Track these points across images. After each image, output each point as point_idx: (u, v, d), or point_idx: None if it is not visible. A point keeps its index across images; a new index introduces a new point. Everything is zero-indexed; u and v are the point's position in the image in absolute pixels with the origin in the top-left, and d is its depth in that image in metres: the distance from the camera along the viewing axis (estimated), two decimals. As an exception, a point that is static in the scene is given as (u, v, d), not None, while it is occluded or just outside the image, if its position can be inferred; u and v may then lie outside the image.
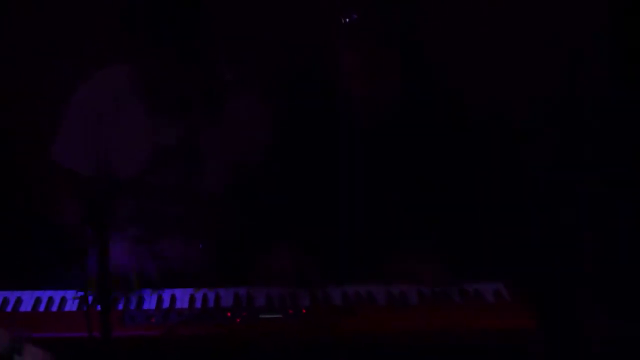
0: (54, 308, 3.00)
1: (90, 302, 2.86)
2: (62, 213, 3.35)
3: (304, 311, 2.95)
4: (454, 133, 3.28)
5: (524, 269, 3.52)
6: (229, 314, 2.93)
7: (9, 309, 3.00)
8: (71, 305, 3.01)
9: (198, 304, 3.01)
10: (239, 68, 2.93)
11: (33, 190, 3.94)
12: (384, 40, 3.11)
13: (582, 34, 3.97)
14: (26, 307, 3.01)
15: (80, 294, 3.03)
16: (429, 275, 3.11)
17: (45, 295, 3.06)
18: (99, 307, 2.57)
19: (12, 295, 3.05)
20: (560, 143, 4.01)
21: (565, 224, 3.94)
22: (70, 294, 3.05)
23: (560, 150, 3.98)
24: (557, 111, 4.00)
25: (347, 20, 3.13)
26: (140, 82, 3.26)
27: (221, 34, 3.66)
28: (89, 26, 4.00)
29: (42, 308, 3.00)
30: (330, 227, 3.29)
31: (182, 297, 3.05)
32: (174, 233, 3.34)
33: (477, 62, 3.92)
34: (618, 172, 3.86)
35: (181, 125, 3.19)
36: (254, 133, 3.34)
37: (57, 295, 3.06)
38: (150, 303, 3.02)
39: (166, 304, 3.02)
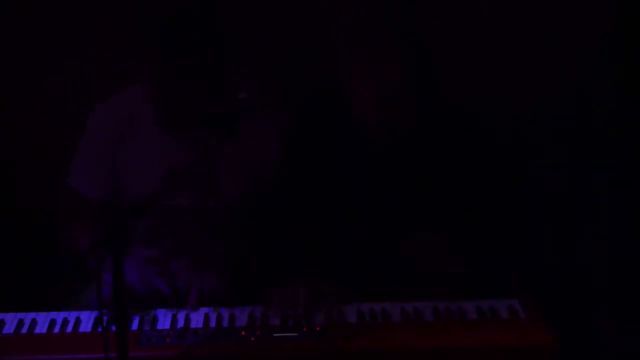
0: (69, 329, 3.00)
1: (105, 322, 2.87)
2: (77, 234, 3.35)
3: (318, 329, 2.95)
4: (465, 144, 3.28)
5: (538, 285, 3.52)
6: (243, 333, 2.93)
7: (23, 330, 3.00)
8: (86, 326, 3.01)
9: (212, 323, 3.01)
10: (250, 85, 2.93)
11: (47, 212, 3.94)
12: (389, 43, 3.11)
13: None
14: (41, 328, 3.01)
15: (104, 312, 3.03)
16: (443, 291, 3.11)
17: (59, 316, 3.06)
18: (113, 328, 2.58)
19: (27, 317, 3.05)
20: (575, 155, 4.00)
21: (581, 239, 3.93)
22: (84, 314, 3.05)
23: (577, 163, 3.97)
24: (568, 116, 3.99)
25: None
26: (154, 104, 3.27)
27: (242, 33, 3.68)
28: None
29: (57, 329, 3.00)
30: (345, 245, 3.30)
31: (197, 316, 3.05)
32: (187, 253, 3.34)
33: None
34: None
35: (194, 145, 3.19)
36: (267, 151, 3.35)
37: (72, 316, 3.05)
38: (164, 323, 3.02)
39: (180, 323, 3.02)
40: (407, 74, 3.18)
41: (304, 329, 2.94)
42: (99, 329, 2.96)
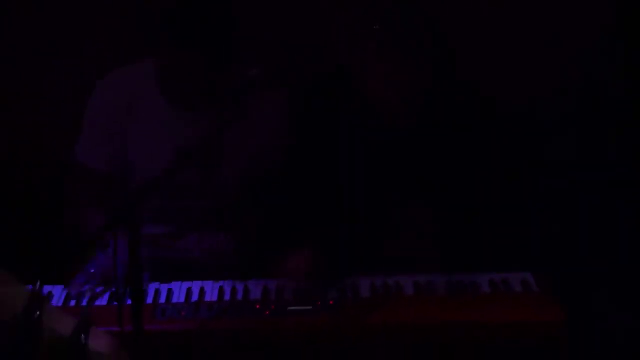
0: (84, 302, 3.02)
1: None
2: (85, 209, 3.37)
3: (331, 303, 2.97)
4: (472, 130, 3.27)
5: (551, 260, 3.53)
6: (258, 307, 2.95)
7: (52, 303, 3.02)
8: (101, 300, 3.03)
9: (227, 297, 3.03)
10: (260, 66, 2.92)
11: (59, 186, 3.95)
12: (397, 42, 3.10)
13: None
14: (57, 302, 3.04)
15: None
16: (456, 264, 3.12)
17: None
18: (129, 302, 2.60)
19: (43, 290, 3.06)
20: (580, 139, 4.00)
21: (592, 216, 3.93)
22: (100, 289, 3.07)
23: (585, 145, 3.97)
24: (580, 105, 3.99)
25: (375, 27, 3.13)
26: (161, 79, 3.27)
27: (242, 33, 3.67)
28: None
29: (72, 303, 3.03)
30: (357, 219, 3.31)
31: (211, 290, 3.07)
32: (201, 227, 3.36)
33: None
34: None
35: (202, 121, 3.21)
36: (275, 128, 3.35)
37: (88, 289, 3.08)
38: (179, 296, 3.04)
39: (195, 297, 3.04)
40: (418, 76, 3.17)
41: (318, 303, 2.96)
42: (115, 303, 2.98)
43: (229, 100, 2.85)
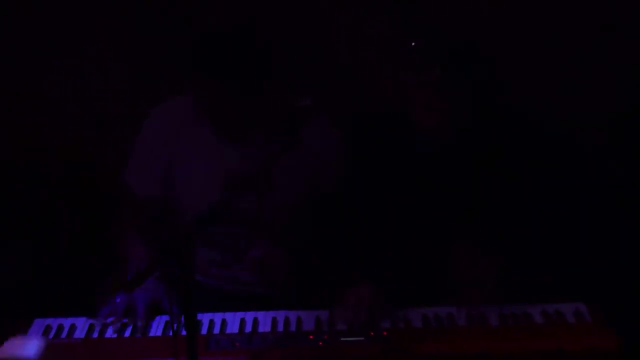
0: (139, 334, 3.05)
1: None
2: (121, 239, 3.41)
3: (384, 334, 2.97)
4: (523, 149, 3.27)
5: (604, 289, 3.50)
6: (311, 337, 2.96)
7: (95, 335, 3.05)
8: (156, 330, 3.05)
9: (280, 327, 3.05)
10: (311, 97, 2.95)
11: (90, 215, 3.98)
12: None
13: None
14: (112, 333, 3.06)
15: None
16: (509, 295, 3.11)
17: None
18: (184, 332, 2.62)
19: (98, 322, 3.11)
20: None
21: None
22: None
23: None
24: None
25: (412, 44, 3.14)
26: (200, 112, 3.30)
27: (291, 63, 3.71)
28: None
29: (127, 333, 3.05)
30: (409, 250, 3.31)
31: (265, 320, 3.08)
32: (254, 256, 3.38)
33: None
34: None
35: (249, 152, 3.25)
36: (327, 158, 3.37)
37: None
38: (233, 327, 3.06)
39: (249, 327, 3.05)
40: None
41: (371, 334, 2.96)
42: (169, 333, 3.00)
43: (282, 130, 2.86)
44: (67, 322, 3.10)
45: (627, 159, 3.98)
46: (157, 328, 3.06)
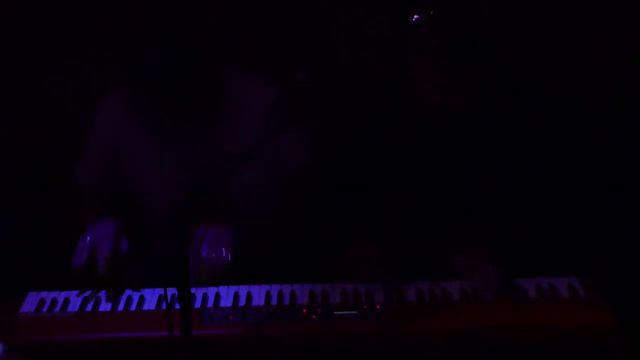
0: (133, 307, 3.05)
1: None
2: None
3: (378, 307, 2.98)
4: (516, 128, 3.27)
5: (598, 264, 3.51)
6: (304, 311, 2.96)
7: (88, 308, 3.05)
8: (150, 304, 3.05)
9: (274, 301, 3.05)
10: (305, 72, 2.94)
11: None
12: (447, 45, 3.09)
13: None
14: (105, 306, 3.06)
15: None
16: (503, 270, 3.11)
17: (123, 294, 3.11)
18: (177, 306, 2.62)
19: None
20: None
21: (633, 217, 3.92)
22: (148, 292, 3.11)
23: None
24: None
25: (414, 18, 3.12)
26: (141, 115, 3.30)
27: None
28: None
29: (120, 307, 3.05)
30: (403, 223, 3.31)
31: (258, 294, 3.09)
32: (246, 229, 3.37)
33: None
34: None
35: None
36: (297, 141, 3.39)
37: (135, 294, 3.11)
38: (227, 300, 3.06)
39: (242, 301, 3.05)
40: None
41: (364, 307, 2.96)
42: (163, 307, 3.01)
43: (279, 106, 2.85)
44: (60, 296, 3.10)
45: (618, 140, 3.99)
46: (150, 301, 3.06)
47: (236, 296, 3.07)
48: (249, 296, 3.08)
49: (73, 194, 3.50)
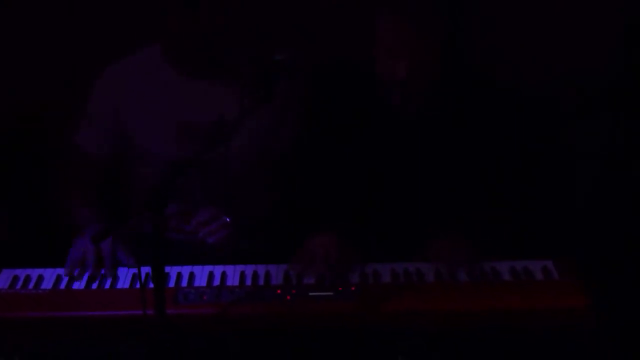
0: (107, 285, 3.04)
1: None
2: (83, 195, 3.42)
3: (353, 289, 2.97)
4: (494, 114, 3.26)
5: (572, 246, 3.52)
6: (279, 292, 2.96)
7: (61, 286, 3.04)
8: (124, 283, 3.05)
9: (248, 281, 3.04)
10: (287, 51, 2.93)
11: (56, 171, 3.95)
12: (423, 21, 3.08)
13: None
14: (79, 284, 3.05)
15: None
16: (478, 252, 3.11)
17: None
18: (151, 285, 2.62)
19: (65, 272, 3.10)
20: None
21: (614, 199, 3.93)
22: (122, 271, 3.10)
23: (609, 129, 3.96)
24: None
25: None
26: (169, 49, 3.34)
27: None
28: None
29: (94, 285, 3.05)
30: (377, 205, 3.31)
31: (233, 274, 3.08)
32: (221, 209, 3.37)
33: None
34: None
35: (212, 93, 3.29)
36: (290, 110, 3.39)
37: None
38: (201, 280, 3.05)
39: (217, 281, 3.05)
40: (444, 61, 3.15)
41: (340, 289, 2.96)
42: (137, 286, 3.00)
43: (255, 83, 2.86)
44: (34, 273, 3.09)
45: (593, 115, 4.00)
46: (124, 280, 3.06)
47: (211, 276, 3.07)
48: (223, 276, 3.07)
49: (73, 163, 3.49)
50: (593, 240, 3.85)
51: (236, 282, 3.03)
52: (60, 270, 3.10)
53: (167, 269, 3.06)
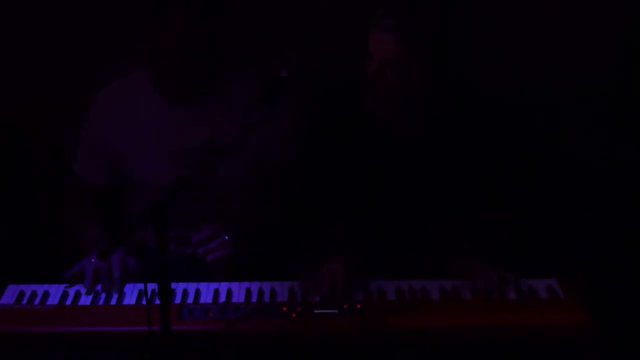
0: (113, 301, 3.04)
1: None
2: (84, 221, 3.44)
3: (358, 306, 2.98)
4: (498, 130, 3.27)
5: (577, 265, 3.52)
6: (284, 309, 2.96)
7: (68, 302, 3.04)
8: (129, 299, 3.05)
9: (254, 298, 3.05)
10: (289, 68, 2.93)
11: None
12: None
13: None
14: (85, 300, 3.05)
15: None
16: (483, 271, 3.12)
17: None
18: (157, 301, 2.62)
19: (71, 289, 3.10)
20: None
21: (618, 218, 3.93)
22: (128, 287, 3.09)
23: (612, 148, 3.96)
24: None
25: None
26: (157, 75, 3.34)
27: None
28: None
29: (101, 301, 3.05)
30: (386, 223, 3.32)
31: (238, 291, 3.09)
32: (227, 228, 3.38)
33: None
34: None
35: (203, 119, 3.30)
36: (292, 128, 3.40)
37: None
38: (207, 297, 3.06)
39: (222, 297, 3.05)
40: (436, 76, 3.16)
41: (345, 306, 2.97)
42: (143, 302, 3.00)
43: (259, 102, 2.86)
44: (40, 289, 3.09)
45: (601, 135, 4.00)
46: (130, 296, 3.06)
47: (216, 293, 3.07)
48: (229, 293, 3.07)
49: (69, 188, 3.50)
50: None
51: (242, 299, 3.04)
52: (65, 287, 3.10)
53: (173, 285, 3.06)
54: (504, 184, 3.27)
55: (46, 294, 3.07)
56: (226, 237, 3.20)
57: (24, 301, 3.04)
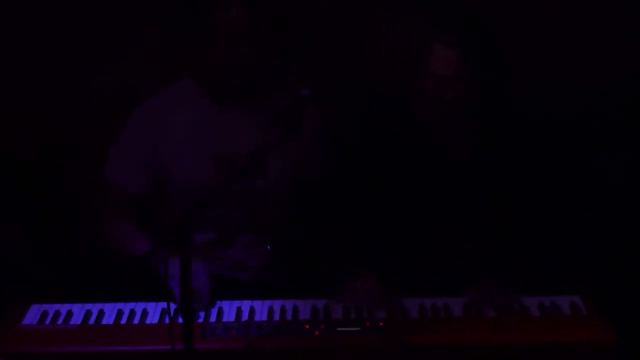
0: (136, 320, 3.05)
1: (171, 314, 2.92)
2: (115, 228, 3.41)
3: (381, 324, 2.98)
4: (525, 143, 3.27)
5: (600, 282, 3.50)
6: (307, 327, 2.96)
7: (91, 321, 3.05)
8: (153, 318, 3.06)
9: (276, 316, 3.05)
10: (311, 87, 2.94)
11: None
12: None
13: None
14: (108, 319, 3.06)
15: None
16: (505, 288, 3.11)
17: (126, 307, 3.11)
18: (180, 320, 2.63)
19: (94, 308, 3.11)
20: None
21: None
22: (151, 306, 3.10)
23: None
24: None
25: None
26: (206, 77, 3.35)
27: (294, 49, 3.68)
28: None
29: (124, 320, 3.05)
30: (405, 240, 3.31)
31: (261, 309, 3.09)
32: (251, 245, 3.38)
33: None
34: None
35: (245, 124, 3.29)
36: (320, 142, 3.40)
37: (139, 307, 3.11)
38: (229, 315, 3.06)
39: (245, 316, 3.06)
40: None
41: (367, 324, 2.97)
42: (166, 321, 3.01)
43: (283, 119, 2.87)
44: (63, 309, 3.10)
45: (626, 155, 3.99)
46: (153, 315, 3.07)
47: (239, 311, 3.08)
48: (251, 311, 3.08)
49: (101, 197, 3.49)
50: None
51: (264, 317, 3.04)
52: (89, 306, 3.11)
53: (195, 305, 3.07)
54: (531, 200, 3.27)
55: (69, 314, 3.08)
56: (268, 247, 3.20)
57: (48, 321, 3.05)
